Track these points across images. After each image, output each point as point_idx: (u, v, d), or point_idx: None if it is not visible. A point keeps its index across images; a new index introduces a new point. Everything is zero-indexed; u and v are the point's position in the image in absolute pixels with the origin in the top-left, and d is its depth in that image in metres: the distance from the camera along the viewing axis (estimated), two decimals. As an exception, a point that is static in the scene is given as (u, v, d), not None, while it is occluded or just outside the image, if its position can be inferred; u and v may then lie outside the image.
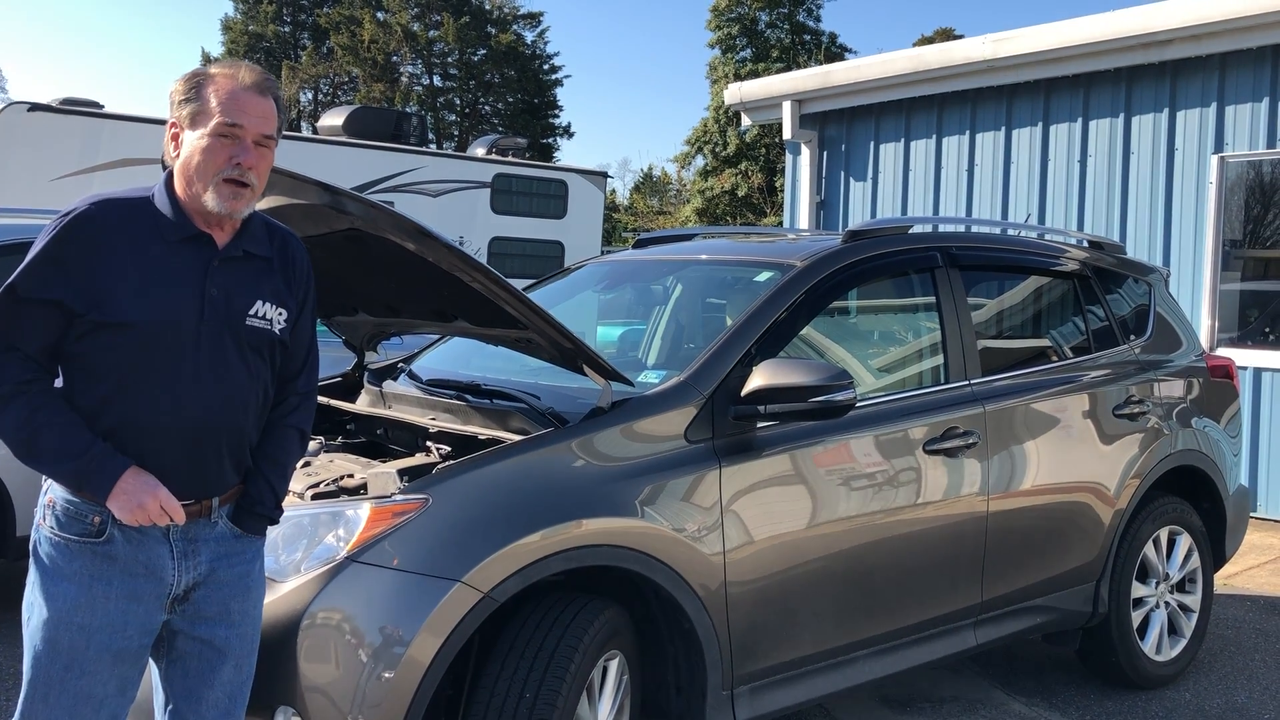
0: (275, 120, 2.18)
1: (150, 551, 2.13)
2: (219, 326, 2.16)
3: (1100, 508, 4.18)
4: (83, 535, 2.11)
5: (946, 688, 4.43)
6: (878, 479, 3.49)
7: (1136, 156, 7.96)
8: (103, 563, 2.11)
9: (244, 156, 2.12)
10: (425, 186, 12.03)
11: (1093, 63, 7.95)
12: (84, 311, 2.06)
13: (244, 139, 2.13)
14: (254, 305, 2.21)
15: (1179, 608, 4.59)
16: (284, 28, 40.34)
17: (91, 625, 2.10)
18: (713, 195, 31.26)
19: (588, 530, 2.83)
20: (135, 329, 2.07)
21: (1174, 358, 4.78)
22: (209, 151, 2.11)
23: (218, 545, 2.22)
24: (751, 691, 3.20)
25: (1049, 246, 4.70)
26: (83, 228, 2.08)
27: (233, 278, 2.19)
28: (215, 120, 2.11)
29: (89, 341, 2.08)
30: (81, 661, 2.10)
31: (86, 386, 2.10)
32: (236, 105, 2.12)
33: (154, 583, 2.15)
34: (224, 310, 2.17)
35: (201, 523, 2.20)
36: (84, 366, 2.10)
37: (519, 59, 39.11)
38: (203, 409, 2.14)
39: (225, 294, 2.17)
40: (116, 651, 2.12)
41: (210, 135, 2.11)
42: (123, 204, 2.15)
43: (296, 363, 2.36)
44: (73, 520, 2.11)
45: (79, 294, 2.05)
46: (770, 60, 32.20)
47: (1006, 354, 4.30)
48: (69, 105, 9.79)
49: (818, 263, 3.66)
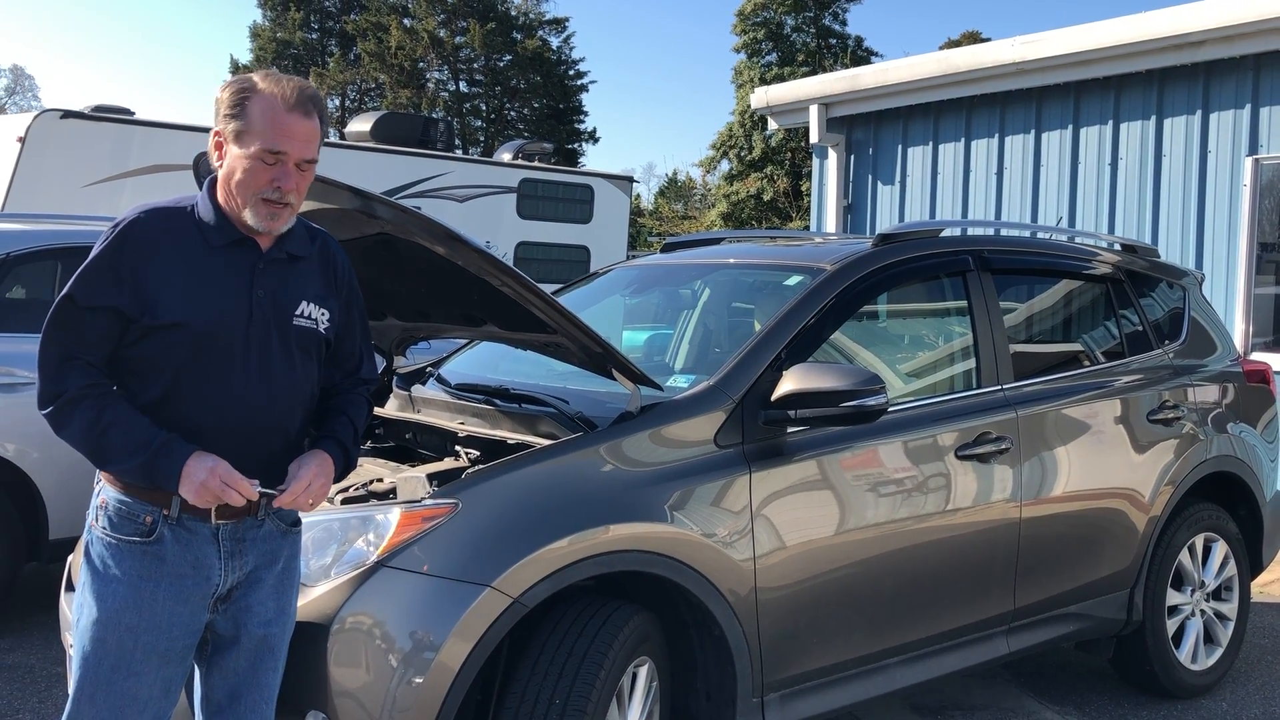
0: (318, 140, 2.21)
1: (198, 551, 2.17)
2: (267, 328, 2.20)
3: (1134, 514, 4.12)
4: (134, 535, 2.14)
5: (978, 695, 4.38)
6: (909, 485, 3.45)
7: (1169, 159, 7.87)
8: (152, 563, 2.14)
9: (285, 181, 2.15)
10: (452, 192, 12.06)
11: (1124, 65, 7.86)
12: (138, 316, 2.10)
13: (286, 164, 2.15)
14: (299, 305, 2.25)
15: (1215, 616, 4.53)
16: (311, 35, 40.61)
17: (139, 626, 2.13)
18: (738, 200, 31.20)
19: (617, 535, 2.81)
20: (187, 329, 2.12)
21: (1209, 362, 4.72)
22: (250, 173, 2.14)
23: (264, 544, 2.26)
24: (781, 699, 3.17)
25: (1082, 250, 4.65)
26: (135, 235, 2.13)
27: (278, 279, 2.23)
28: (258, 145, 2.13)
29: (142, 346, 2.13)
30: (129, 662, 2.13)
31: (140, 390, 2.14)
32: (281, 130, 2.14)
33: (201, 583, 2.17)
34: (271, 312, 2.20)
35: (249, 522, 2.23)
36: (137, 370, 2.14)
37: (544, 64, 39.20)
38: (253, 410, 2.18)
39: (272, 296, 2.21)
40: (163, 652, 2.15)
41: (253, 158, 2.13)
42: (169, 212, 2.20)
43: (355, 357, 2.43)
44: (125, 520, 2.15)
45: (133, 299, 2.10)
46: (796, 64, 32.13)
47: (1039, 359, 4.26)
48: (100, 112, 9.88)
49: (848, 266, 3.63)
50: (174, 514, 2.15)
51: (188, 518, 2.16)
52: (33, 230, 5.16)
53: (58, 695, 4.10)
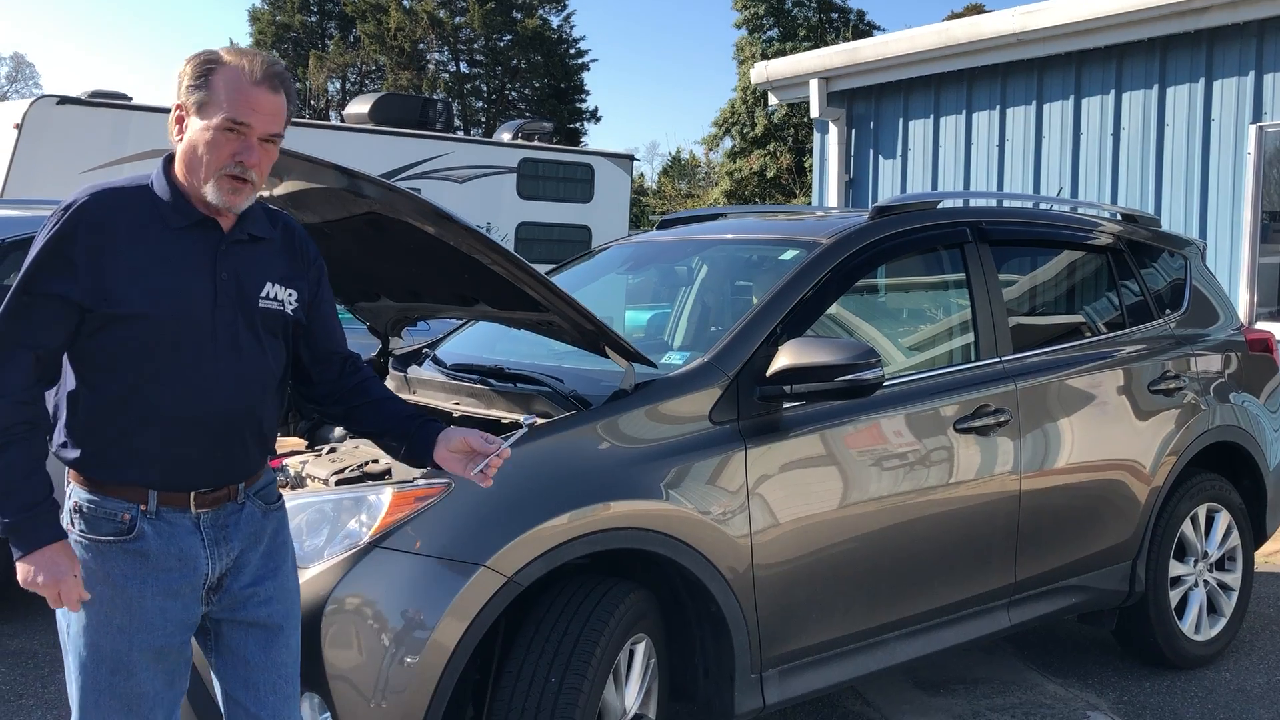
0: (284, 116, 2.12)
1: (181, 543, 2.11)
2: (233, 311, 2.12)
3: (1136, 485, 4.10)
4: (113, 535, 2.08)
5: (980, 669, 4.37)
6: (907, 459, 3.43)
7: (1172, 128, 7.80)
8: (135, 561, 2.08)
9: (248, 155, 2.06)
10: (452, 172, 12.02)
11: (1125, 33, 7.78)
12: (94, 306, 2.01)
13: (250, 137, 2.06)
14: (264, 287, 2.18)
15: (1218, 586, 4.51)
16: (310, 18, 40.40)
17: (131, 626, 2.08)
18: (741, 177, 31.03)
19: (611, 513, 2.80)
20: (148, 320, 2.03)
21: (1211, 332, 4.68)
22: (213, 146, 2.05)
23: (246, 527, 2.20)
24: (780, 674, 3.17)
25: (1081, 220, 4.61)
26: (87, 219, 2.03)
27: (241, 261, 2.16)
28: (222, 116, 2.04)
29: (103, 336, 2.04)
30: (127, 664, 2.09)
31: (105, 381, 2.06)
32: (246, 102, 2.05)
33: (189, 575, 2.12)
34: (236, 294, 2.13)
35: (229, 507, 2.18)
36: (101, 363, 2.05)
37: (545, 43, 38.97)
38: (225, 395, 2.11)
39: (235, 278, 2.14)
40: (158, 650, 2.11)
41: (216, 130, 2.05)
42: (121, 192, 2.09)
43: (336, 336, 2.37)
44: (101, 520, 2.09)
45: (90, 289, 2.01)
46: (798, 39, 31.87)
47: (1039, 330, 4.22)
48: (97, 98, 9.85)
49: (844, 240, 3.60)
50: (152, 508, 2.08)
51: (167, 510, 2.10)
52: (28, 217, 5.14)
53: (61, 681, 4.10)
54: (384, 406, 2.36)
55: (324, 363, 2.35)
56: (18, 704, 3.97)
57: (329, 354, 2.35)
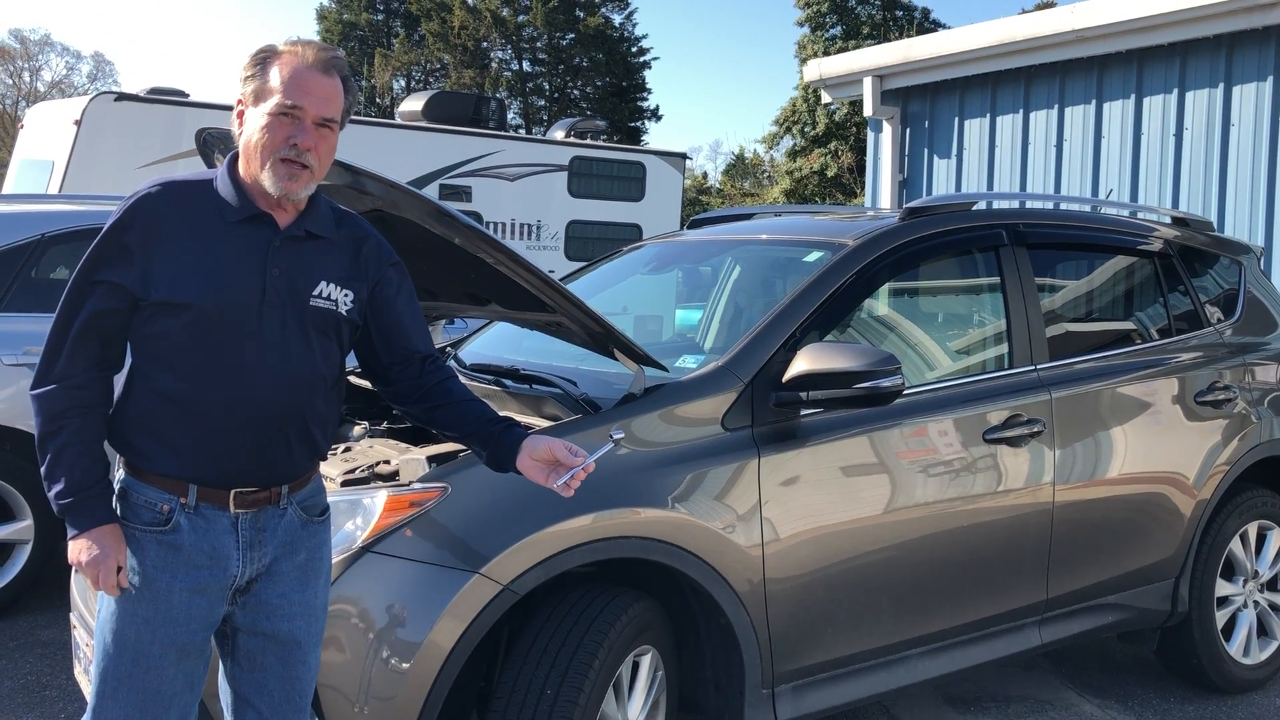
0: (340, 102, 2.12)
1: (216, 540, 2.10)
2: (282, 307, 2.10)
3: (1180, 500, 3.92)
4: (150, 524, 2.08)
5: (1015, 686, 4.23)
6: (930, 470, 3.31)
7: (1237, 129, 7.52)
8: (167, 553, 2.08)
9: (301, 138, 2.06)
10: (503, 170, 12.02)
11: (1189, 30, 7.51)
12: (143, 295, 2.04)
13: (304, 120, 2.07)
14: (318, 285, 2.15)
15: (1269, 608, 4.31)
16: (377, 16, 40.91)
17: (155, 618, 2.07)
18: (801, 176, 30.75)
19: (613, 522, 2.72)
20: (194, 310, 2.04)
21: (1269, 341, 4.48)
22: (267, 130, 2.06)
23: (284, 535, 2.17)
24: (794, 690, 3.07)
25: (1126, 224, 4.42)
26: (145, 209, 2.06)
27: (294, 257, 2.13)
28: (275, 99, 2.05)
29: (153, 326, 2.06)
30: (148, 656, 2.08)
31: (154, 371, 2.08)
32: (299, 85, 2.06)
33: (218, 573, 2.11)
34: (286, 291, 2.11)
35: (270, 511, 2.15)
36: (151, 352, 2.08)
37: (607, 42, 39.02)
38: (268, 392, 2.09)
39: (287, 274, 2.11)
40: (180, 646, 2.10)
41: (270, 114, 2.06)
42: (186, 185, 2.12)
43: (415, 335, 2.31)
44: (141, 508, 2.09)
45: (138, 277, 2.04)
46: (861, 37, 31.51)
47: (1078, 338, 4.06)
48: (155, 94, 10.01)
49: (870, 242, 3.49)
50: (191, 502, 2.08)
51: (206, 506, 2.09)
52: (68, 211, 5.21)
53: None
54: (466, 408, 2.32)
55: (403, 362, 2.31)
56: (41, 694, 4.00)
57: (408, 353, 2.30)
